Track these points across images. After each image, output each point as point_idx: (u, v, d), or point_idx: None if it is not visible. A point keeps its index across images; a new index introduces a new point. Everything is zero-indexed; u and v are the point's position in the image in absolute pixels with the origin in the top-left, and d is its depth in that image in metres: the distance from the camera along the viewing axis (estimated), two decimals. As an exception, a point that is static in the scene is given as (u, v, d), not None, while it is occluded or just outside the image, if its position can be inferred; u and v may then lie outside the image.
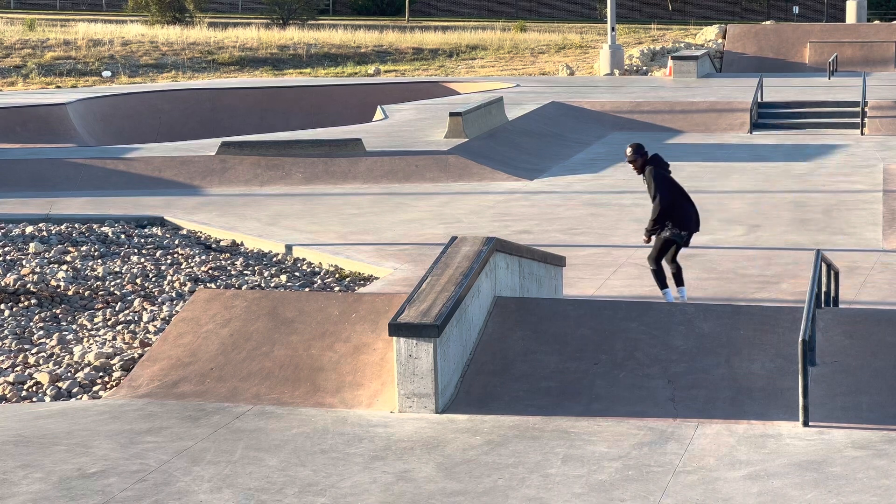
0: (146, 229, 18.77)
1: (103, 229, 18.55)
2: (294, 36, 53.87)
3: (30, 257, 16.65)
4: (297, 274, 15.71)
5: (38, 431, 9.58)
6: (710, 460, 8.66)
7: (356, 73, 45.92)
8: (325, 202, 20.98)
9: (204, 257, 16.64)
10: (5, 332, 13.13)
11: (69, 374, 11.51)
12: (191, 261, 16.46)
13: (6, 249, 17.11)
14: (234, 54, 49.02)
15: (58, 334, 12.78)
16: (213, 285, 15.07)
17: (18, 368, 11.85)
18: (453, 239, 11.55)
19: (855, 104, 30.88)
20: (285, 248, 17.08)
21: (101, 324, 13.40)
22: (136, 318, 13.55)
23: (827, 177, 22.83)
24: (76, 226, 18.79)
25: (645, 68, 44.36)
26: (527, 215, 19.33)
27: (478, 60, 49.16)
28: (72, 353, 12.16)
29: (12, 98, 34.48)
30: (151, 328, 13.09)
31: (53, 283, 15.11)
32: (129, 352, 12.08)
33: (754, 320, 10.97)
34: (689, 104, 32.08)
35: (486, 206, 20.30)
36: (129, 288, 14.93)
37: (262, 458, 8.84)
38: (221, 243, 17.81)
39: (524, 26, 62.00)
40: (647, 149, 13.17)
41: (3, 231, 18.37)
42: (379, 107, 32.24)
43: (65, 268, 15.94)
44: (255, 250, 17.30)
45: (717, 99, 32.75)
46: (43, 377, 11.42)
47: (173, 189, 22.58)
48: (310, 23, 63.94)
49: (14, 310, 13.98)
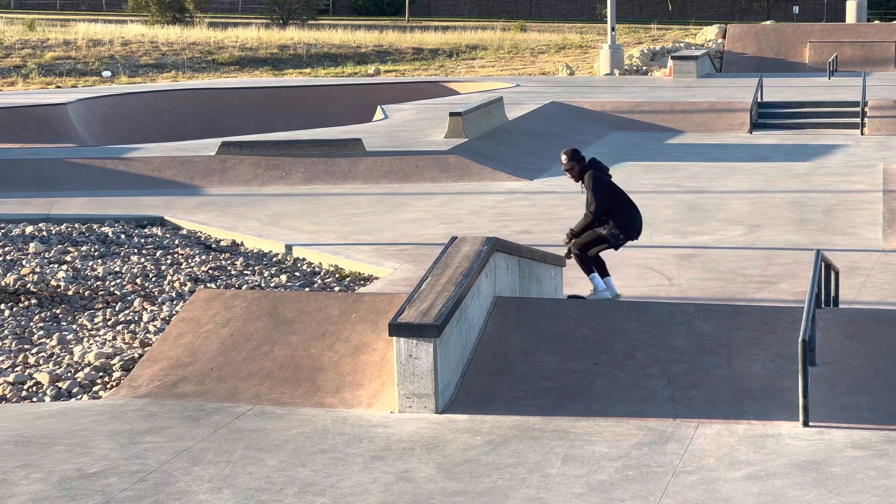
0: (146, 229, 18.77)
1: (103, 229, 18.55)
2: (294, 36, 53.88)
3: (30, 257, 16.65)
4: (297, 274, 15.71)
5: (38, 431, 9.58)
6: (710, 460, 8.66)
7: (356, 73, 45.92)
8: (325, 202, 20.98)
9: (204, 257, 16.64)
10: (5, 332, 13.13)
11: (69, 374, 11.51)
12: (191, 261, 16.46)
13: (6, 249, 17.11)
14: (234, 54, 49.02)
15: (58, 334, 12.78)
16: (213, 285, 15.07)
17: (18, 368, 11.84)
18: (453, 239, 11.56)
19: (855, 104, 30.87)
20: (285, 248, 17.08)
21: (101, 324, 13.40)
22: (136, 318, 13.55)
23: (827, 177, 22.82)
24: (76, 226, 18.79)
25: (645, 68, 44.37)
26: (527, 215, 19.33)
27: (478, 60, 49.17)
28: (72, 353, 12.16)
29: (12, 98, 34.48)
30: (151, 328, 13.09)
31: (53, 283, 15.11)
32: (129, 352, 12.08)
33: (754, 320, 10.97)
34: (689, 104, 32.08)
35: (486, 206, 20.30)
36: (129, 288, 14.93)
37: (262, 458, 8.84)
38: (221, 243, 17.81)
39: (524, 26, 62.02)
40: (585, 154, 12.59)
41: (3, 231, 18.37)
42: (379, 107, 32.24)
43: (65, 268, 15.94)
44: (255, 250, 17.30)
45: (717, 99, 32.75)
46: (43, 377, 11.42)
47: (173, 189, 22.58)
48: (310, 23, 63.96)
49: (14, 310, 13.98)
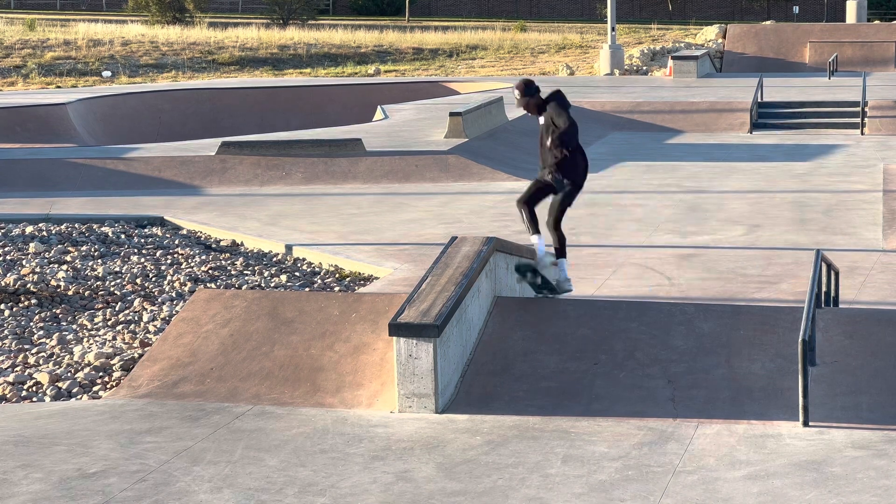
0: (146, 229, 18.77)
1: (103, 229, 18.54)
2: (294, 36, 53.88)
3: (30, 257, 16.65)
4: (297, 274, 15.70)
5: (38, 431, 9.58)
6: (710, 460, 8.66)
7: (356, 73, 45.92)
8: (325, 202, 20.97)
9: (204, 257, 16.64)
10: (5, 332, 13.13)
11: (69, 374, 11.51)
12: (191, 261, 16.45)
13: (6, 249, 17.11)
14: (234, 54, 49.02)
15: (58, 334, 12.78)
16: (213, 285, 15.06)
17: (18, 368, 11.84)
18: (453, 239, 11.56)
19: (855, 104, 30.87)
20: (285, 248, 17.08)
21: (101, 324, 13.39)
22: (136, 318, 13.54)
23: (827, 177, 22.82)
24: (76, 226, 18.78)
25: (645, 68, 44.36)
26: (527, 215, 19.30)
27: (478, 60, 49.17)
28: (72, 353, 12.15)
29: (12, 98, 34.48)
30: (151, 328, 13.08)
31: (53, 283, 15.11)
32: (129, 352, 12.08)
33: (754, 320, 10.97)
34: (689, 104, 32.07)
35: (486, 206, 20.29)
36: (129, 288, 14.92)
37: (262, 458, 8.84)
38: (221, 243, 17.81)
39: (524, 26, 62.03)
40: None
41: (3, 231, 18.37)
42: (379, 107, 32.24)
43: (65, 268, 15.93)
44: (255, 250, 17.29)
45: (717, 99, 32.74)
46: (43, 377, 11.41)
47: (173, 189, 22.57)
48: (310, 23, 63.97)
49: (14, 310, 13.98)
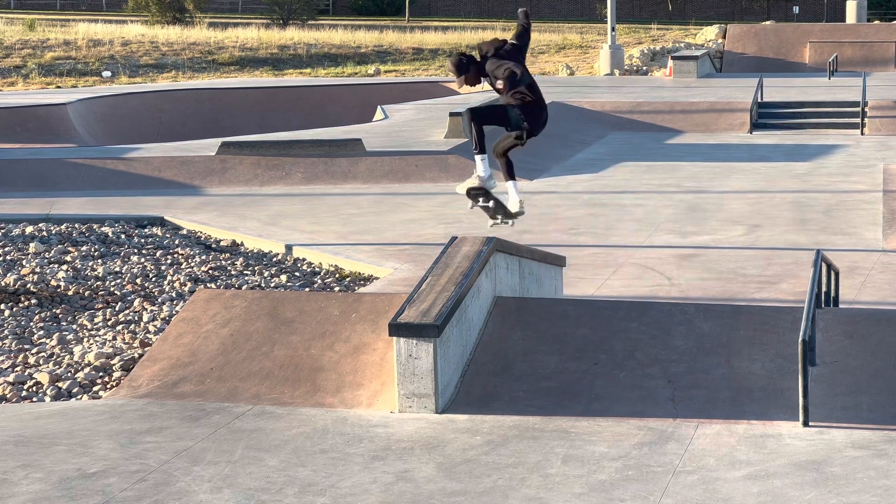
0: (146, 229, 18.77)
1: (103, 229, 18.54)
2: (294, 36, 53.88)
3: (30, 257, 16.65)
4: (297, 274, 15.71)
5: (38, 431, 9.58)
6: (710, 460, 8.66)
7: (356, 73, 45.92)
8: (325, 202, 20.97)
9: (204, 257, 16.64)
10: (5, 332, 13.13)
11: (69, 374, 11.51)
12: (191, 261, 16.45)
13: (6, 249, 17.11)
14: (234, 54, 49.02)
15: (58, 334, 12.78)
16: (213, 285, 15.06)
17: (18, 368, 11.84)
18: (453, 239, 11.55)
19: (855, 104, 30.87)
20: (285, 248, 17.08)
21: (101, 324, 13.39)
22: (136, 318, 13.54)
23: (827, 177, 22.82)
24: (76, 226, 18.78)
25: (645, 68, 44.36)
26: (527, 215, 19.23)
27: (478, 60, 49.12)
28: (72, 353, 12.15)
29: (12, 98, 34.47)
30: (151, 328, 13.08)
31: (53, 283, 15.10)
32: (129, 352, 12.08)
33: (754, 320, 10.97)
34: (689, 104, 32.07)
35: (486, 206, 20.26)
36: (129, 288, 14.92)
37: (262, 458, 8.84)
38: (221, 243, 17.81)
39: (524, 26, 61.92)
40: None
41: (3, 231, 18.36)
42: (379, 107, 32.23)
43: (65, 268, 15.93)
44: (255, 250, 17.29)
45: (717, 99, 32.74)
46: (43, 377, 11.41)
47: (173, 189, 22.58)
48: (310, 23, 63.96)
49: (14, 310, 13.98)
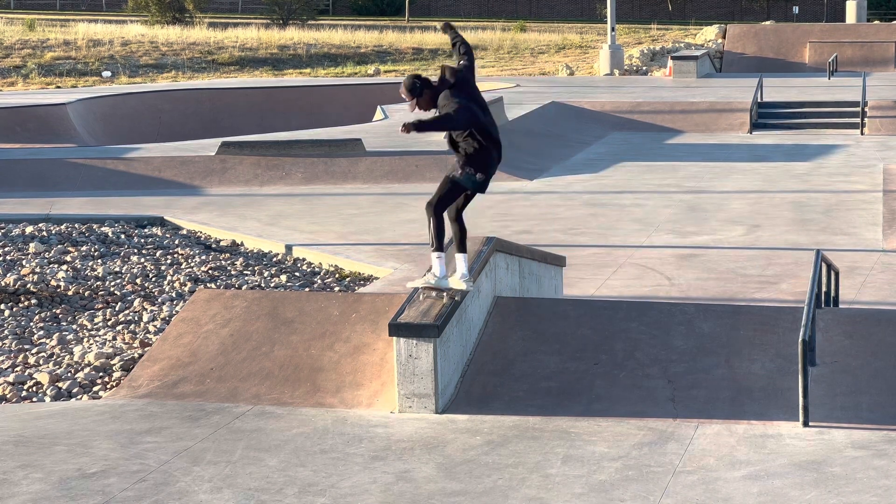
0: (146, 229, 18.76)
1: (103, 229, 18.54)
2: (294, 36, 53.87)
3: (30, 257, 16.64)
4: (297, 274, 15.70)
5: (38, 431, 9.58)
6: (710, 460, 8.66)
7: (356, 73, 45.92)
8: (325, 202, 20.97)
9: (204, 257, 16.64)
10: (5, 332, 13.13)
11: (69, 374, 11.51)
12: (191, 261, 16.45)
13: (6, 249, 17.10)
14: (234, 54, 49.02)
15: (58, 334, 12.78)
16: (213, 285, 15.06)
17: (18, 368, 11.84)
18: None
19: (855, 104, 30.87)
20: (285, 248, 17.08)
21: (101, 324, 13.39)
22: (136, 318, 13.54)
23: (827, 177, 22.82)
24: (76, 226, 18.78)
25: (645, 68, 44.35)
26: (527, 215, 19.33)
27: (478, 60, 49.16)
28: (72, 353, 12.15)
29: (12, 98, 34.47)
30: (151, 328, 13.08)
31: (53, 283, 15.10)
32: (129, 352, 12.08)
33: (754, 320, 10.97)
34: (689, 104, 32.07)
35: (486, 206, 20.27)
36: (129, 288, 14.92)
37: (262, 458, 8.84)
38: (221, 243, 17.81)
39: (524, 26, 62.01)
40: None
41: (3, 231, 18.36)
42: (379, 107, 32.23)
43: (65, 268, 15.93)
44: (255, 250, 17.29)
45: (717, 99, 32.74)
46: (43, 377, 11.41)
47: (173, 189, 22.57)
48: (310, 23, 63.96)
49: (14, 310, 13.98)
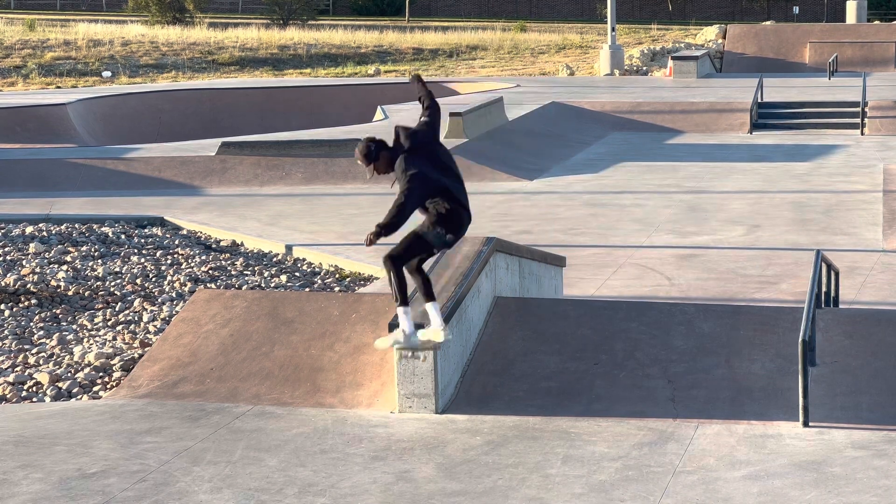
0: (146, 229, 18.77)
1: (103, 229, 18.54)
2: (294, 36, 53.87)
3: (30, 257, 16.64)
4: (297, 274, 15.70)
5: (38, 431, 9.58)
6: (710, 460, 8.66)
7: (356, 74, 45.91)
8: (325, 202, 20.97)
9: (204, 257, 16.64)
10: (5, 332, 13.13)
11: (69, 375, 11.51)
12: (191, 261, 16.45)
13: (6, 249, 17.10)
14: (234, 54, 49.02)
15: (58, 334, 12.78)
16: (213, 285, 15.06)
17: (18, 368, 11.84)
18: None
19: (855, 104, 30.86)
20: (285, 248, 17.08)
21: (101, 324, 13.39)
22: (136, 318, 13.54)
23: (827, 177, 22.82)
24: (76, 226, 18.78)
25: (645, 68, 44.35)
26: (527, 215, 19.33)
27: (478, 60, 49.17)
28: (72, 354, 12.15)
29: (12, 98, 34.47)
30: (151, 328, 13.08)
31: (53, 283, 15.10)
32: (129, 352, 12.08)
33: (754, 320, 10.97)
34: (689, 104, 32.07)
35: (486, 206, 20.29)
36: (129, 288, 14.92)
37: (262, 458, 8.84)
38: (221, 243, 17.81)
39: (524, 26, 62.01)
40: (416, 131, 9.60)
41: (3, 231, 18.36)
42: (379, 107, 32.22)
43: (65, 268, 15.93)
44: (255, 250, 17.29)
45: (717, 99, 32.74)
46: (43, 377, 11.41)
47: (173, 189, 22.57)
48: (310, 23, 63.96)
49: (14, 310, 13.98)
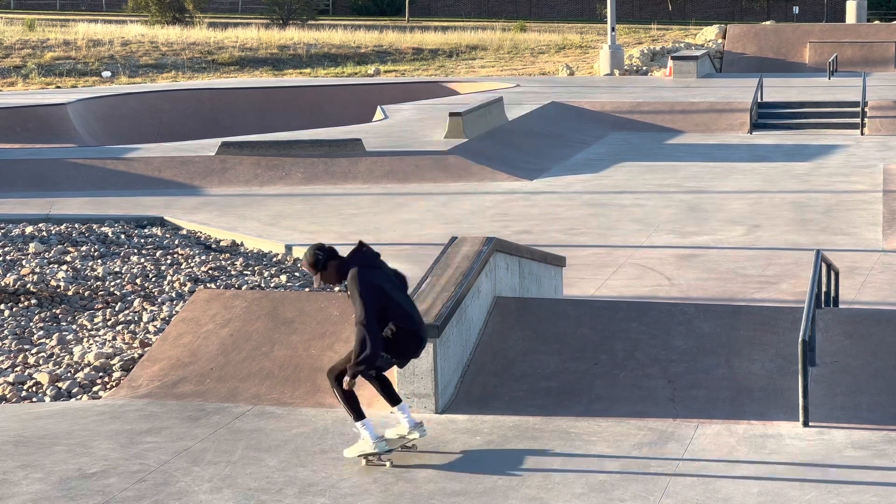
0: (146, 229, 18.77)
1: (103, 229, 18.54)
2: (294, 36, 53.87)
3: (30, 257, 16.64)
4: (297, 274, 15.70)
5: (38, 431, 9.58)
6: (710, 460, 8.66)
7: (356, 74, 45.91)
8: (325, 202, 20.97)
9: (204, 257, 16.64)
10: (5, 332, 13.13)
11: (69, 375, 11.51)
12: (191, 261, 16.45)
13: (6, 249, 17.10)
14: (234, 54, 49.01)
15: (58, 334, 12.78)
16: (213, 285, 15.06)
17: (18, 368, 11.84)
18: (453, 239, 11.55)
19: (855, 104, 30.86)
20: (285, 248, 17.08)
21: (101, 324, 13.39)
22: (136, 318, 13.54)
23: (827, 177, 22.82)
24: (76, 226, 18.78)
25: (645, 68, 44.35)
26: (527, 215, 19.33)
27: (478, 60, 49.16)
28: (72, 354, 12.15)
29: (12, 98, 34.47)
30: (151, 328, 13.08)
31: (53, 283, 15.10)
32: (129, 352, 12.08)
33: (754, 320, 10.97)
34: (689, 104, 32.07)
35: (486, 206, 20.29)
36: (129, 288, 14.92)
37: (262, 458, 8.85)
38: (221, 243, 17.81)
39: (524, 26, 62.01)
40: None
41: (3, 231, 18.36)
42: (379, 107, 32.23)
43: (65, 268, 15.93)
44: (255, 250, 17.30)
45: (717, 99, 32.74)
46: (43, 377, 11.41)
47: (173, 189, 22.58)
48: (310, 23, 63.95)
49: (14, 310, 13.98)
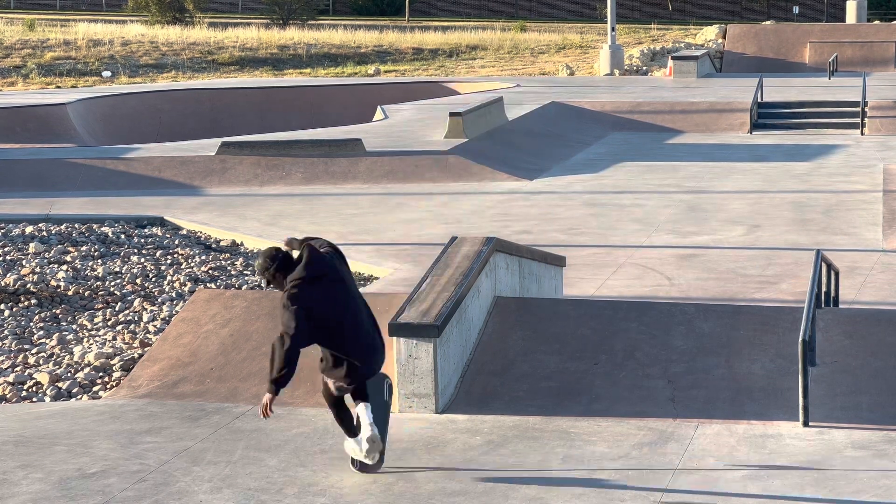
0: (146, 229, 18.77)
1: (103, 229, 18.54)
2: (294, 36, 53.86)
3: (30, 257, 16.65)
4: (297, 274, 15.69)
5: (38, 431, 9.58)
6: (710, 460, 8.66)
7: (356, 73, 45.92)
8: (325, 202, 20.97)
9: (204, 257, 16.64)
10: (5, 332, 13.13)
11: (69, 375, 11.51)
12: (191, 261, 16.45)
13: (6, 249, 17.11)
14: (234, 54, 49.01)
15: (58, 334, 12.78)
16: (213, 285, 15.07)
17: (18, 368, 11.85)
18: (453, 239, 11.55)
19: (855, 104, 30.85)
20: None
21: (101, 324, 13.40)
22: (136, 318, 13.55)
23: (827, 177, 22.82)
24: (76, 226, 18.78)
25: (645, 68, 44.35)
26: (527, 215, 19.33)
27: (478, 60, 49.16)
28: (72, 354, 12.16)
29: (12, 98, 34.46)
30: (151, 328, 13.08)
31: (53, 283, 15.11)
32: (129, 352, 12.08)
33: (754, 320, 10.97)
34: (689, 104, 32.06)
35: (486, 206, 20.29)
36: (129, 288, 14.92)
37: (262, 458, 8.85)
38: (221, 243, 17.81)
39: (524, 26, 62.00)
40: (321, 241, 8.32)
41: (3, 231, 18.36)
42: (379, 107, 32.22)
43: (65, 268, 15.93)
44: (255, 250, 17.29)
45: (717, 99, 32.73)
46: (43, 377, 11.42)
47: (173, 189, 22.57)
48: (310, 23, 63.94)
49: (14, 310, 13.98)
